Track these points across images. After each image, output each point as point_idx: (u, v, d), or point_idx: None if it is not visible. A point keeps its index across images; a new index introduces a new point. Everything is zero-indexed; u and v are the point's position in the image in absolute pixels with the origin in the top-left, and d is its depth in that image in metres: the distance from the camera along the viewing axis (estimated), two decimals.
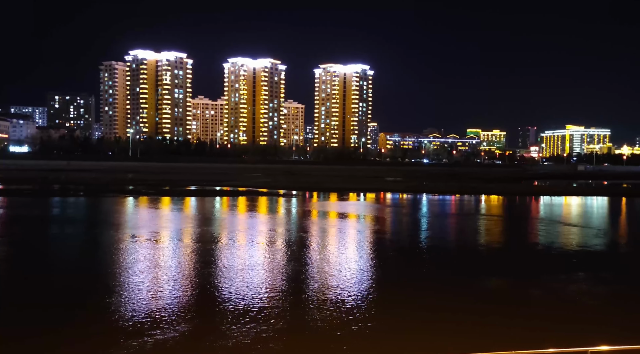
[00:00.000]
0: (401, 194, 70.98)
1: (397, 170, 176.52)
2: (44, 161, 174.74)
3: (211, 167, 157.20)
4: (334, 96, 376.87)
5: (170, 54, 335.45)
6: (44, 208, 46.75)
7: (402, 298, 17.97)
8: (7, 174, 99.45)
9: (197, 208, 48.70)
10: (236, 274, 20.81)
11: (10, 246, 27.34)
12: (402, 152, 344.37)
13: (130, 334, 13.82)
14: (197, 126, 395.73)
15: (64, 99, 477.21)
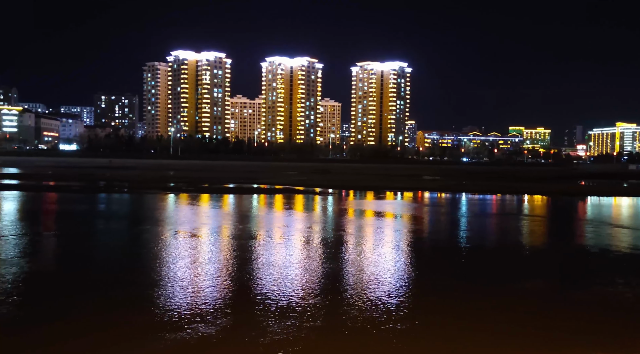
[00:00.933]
0: (439, 193, 69.56)
1: (435, 168, 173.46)
2: (91, 158, 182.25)
3: (248, 165, 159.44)
4: (370, 93, 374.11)
5: (210, 54, 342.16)
6: (91, 204, 48.59)
7: (440, 299, 17.46)
8: (56, 171, 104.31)
9: (235, 205, 49.37)
10: (273, 271, 20.85)
11: (58, 239, 28.49)
12: (440, 151, 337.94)
13: (171, 327, 14.03)
14: (236, 124, 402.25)
15: (109, 99, 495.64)
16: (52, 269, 21.39)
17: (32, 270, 20.69)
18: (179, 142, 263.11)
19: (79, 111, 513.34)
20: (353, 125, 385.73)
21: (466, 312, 15.98)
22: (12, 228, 31.11)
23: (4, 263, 21.52)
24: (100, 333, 13.64)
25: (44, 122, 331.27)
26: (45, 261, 23.18)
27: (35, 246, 26.14)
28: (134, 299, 16.67)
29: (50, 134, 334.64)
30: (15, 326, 14.09)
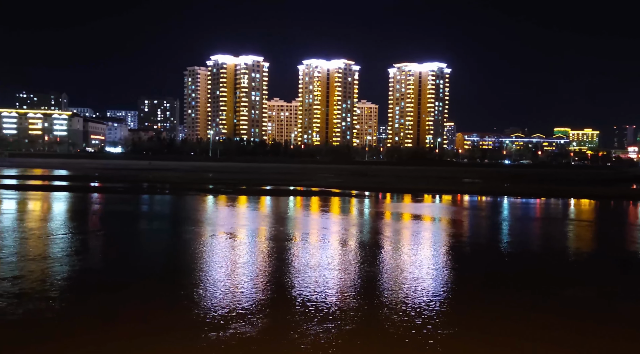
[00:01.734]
0: (480, 197, 67.78)
1: (475, 171, 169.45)
2: (134, 160, 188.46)
3: (285, 167, 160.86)
4: (408, 95, 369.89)
5: (248, 58, 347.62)
6: (135, 205, 50.22)
7: (481, 306, 16.90)
8: (102, 172, 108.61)
9: (272, 207, 49.79)
10: (311, 273, 20.83)
11: (105, 238, 29.55)
12: (481, 153, 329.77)
13: (210, 327, 14.22)
14: (273, 127, 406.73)
15: (152, 103, 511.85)
16: (99, 267, 22.18)
17: (80, 268, 21.51)
18: (218, 145, 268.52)
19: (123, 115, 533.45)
20: (390, 127, 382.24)
21: (507, 320, 15.40)
22: (63, 228, 32.53)
23: (55, 261, 22.49)
24: (142, 331, 13.97)
25: (91, 126, 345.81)
26: (92, 259, 24.05)
27: (83, 244, 27.19)
28: (174, 298, 17.01)
29: (97, 137, 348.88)
30: (65, 323, 14.62)
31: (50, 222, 34.58)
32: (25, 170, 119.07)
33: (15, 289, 17.58)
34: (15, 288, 17.81)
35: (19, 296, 16.77)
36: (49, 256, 23.40)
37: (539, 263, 24.92)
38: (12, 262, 22.01)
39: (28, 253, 24.07)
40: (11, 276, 19.42)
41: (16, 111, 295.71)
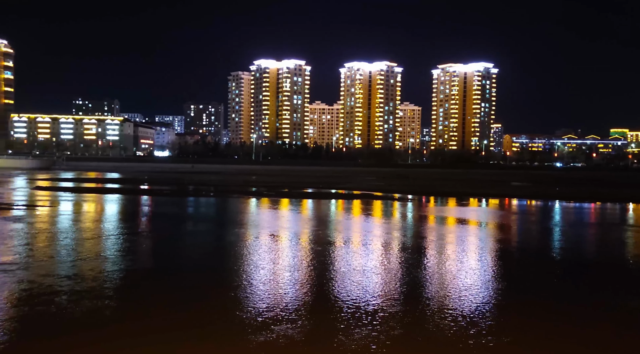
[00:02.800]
0: (529, 201, 65.24)
1: (524, 174, 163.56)
2: (179, 164, 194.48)
3: (327, 170, 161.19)
4: (453, 96, 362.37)
5: (290, 62, 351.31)
6: (181, 207, 51.74)
7: (534, 315, 16.15)
8: (151, 175, 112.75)
9: (313, 210, 49.92)
10: (352, 277, 20.64)
11: (152, 239, 30.55)
12: (530, 155, 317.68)
13: (252, 329, 14.33)
14: (314, 130, 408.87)
15: (198, 108, 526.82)
16: (148, 267, 22.93)
17: (129, 268, 22.31)
18: (260, 148, 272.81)
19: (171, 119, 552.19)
20: (434, 129, 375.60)
21: (558, 333, 14.62)
22: (113, 228, 33.93)
23: (105, 261, 23.44)
24: (187, 331, 14.26)
25: (141, 130, 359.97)
26: (141, 259, 24.89)
27: (132, 245, 28.21)
28: (218, 299, 17.29)
29: (146, 141, 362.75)
30: (112, 321, 15.15)
31: (104, 223, 36.16)
32: (80, 173, 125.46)
33: (72, 287, 18.41)
34: (71, 286, 18.67)
35: (76, 293, 17.55)
36: (101, 256, 24.43)
37: (596, 271, 23.58)
38: (68, 262, 23.13)
39: (83, 253, 25.23)
40: (69, 275, 20.39)
41: (73, 117, 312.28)
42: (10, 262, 22.33)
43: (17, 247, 26.05)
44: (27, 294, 17.37)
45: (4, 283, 18.84)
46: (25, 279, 19.38)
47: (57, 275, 20.22)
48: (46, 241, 28.17)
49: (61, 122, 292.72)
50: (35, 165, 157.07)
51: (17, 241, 27.59)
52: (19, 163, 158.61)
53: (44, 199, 54.59)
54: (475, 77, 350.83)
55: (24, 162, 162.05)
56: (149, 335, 13.83)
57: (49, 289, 17.97)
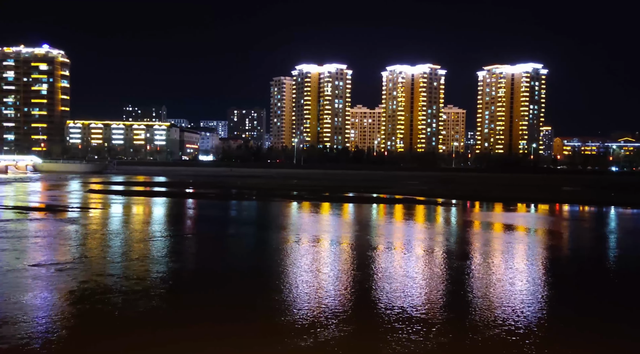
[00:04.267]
0: (581, 207, 62.19)
1: (575, 179, 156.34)
2: (222, 167, 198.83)
3: (368, 174, 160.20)
4: (499, 98, 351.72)
5: (331, 66, 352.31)
6: (225, 210, 52.82)
7: (586, 328, 15.25)
8: (196, 179, 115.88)
9: (355, 214, 49.62)
10: (394, 282, 20.29)
11: (197, 241, 31.28)
12: (582, 159, 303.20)
13: (294, 332, 14.31)
14: (355, 134, 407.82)
15: (241, 113, 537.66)
16: (192, 268, 23.48)
17: (175, 268, 22.89)
18: (302, 152, 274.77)
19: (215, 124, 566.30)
20: (479, 132, 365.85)
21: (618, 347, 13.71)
22: (161, 230, 35.00)
23: (153, 262, 24.18)
24: (226, 332, 14.41)
25: (186, 135, 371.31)
26: (186, 260, 25.52)
27: (177, 247, 28.97)
28: (260, 301, 17.41)
29: (191, 146, 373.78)
30: (159, 319, 15.54)
31: (152, 225, 37.41)
32: (130, 177, 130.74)
33: (123, 286, 19.09)
34: (122, 285, 19.35)
35: (126, 292, 18.19)
36: (150, 257, 25.23)
37: None
38: (119, 262, 24.05)
39: (132, 254, 26.15)
40: (120, 274, 21.18)
41: (123, 123, 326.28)
42: (65, 261, 23.44)
43: (72, 247, 27.33)
44: (80, 292, 18.14)
45: (60, 281, 19.78)
46: (79, 278, 20.26)
47: (108, 275, 21.03)
48: (98, 242, 29.41)
49: (112, 128, 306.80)
50: (89, 169, 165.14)
51: (71, 242, 28.96)
52: (74, 167, 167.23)
53: (96, 201, 57.16)
54: (524, 79, 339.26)
55: (78, 166, 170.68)
56: (191, 335, 14.09)
57: (101, 288, 18.70)
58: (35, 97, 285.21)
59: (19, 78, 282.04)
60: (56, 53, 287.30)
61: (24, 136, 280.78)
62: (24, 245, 27.35)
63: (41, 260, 23.68)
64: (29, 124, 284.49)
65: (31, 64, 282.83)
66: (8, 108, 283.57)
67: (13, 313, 15.57)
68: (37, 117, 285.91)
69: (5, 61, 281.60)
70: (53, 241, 28.78)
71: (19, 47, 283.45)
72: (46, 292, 18.27)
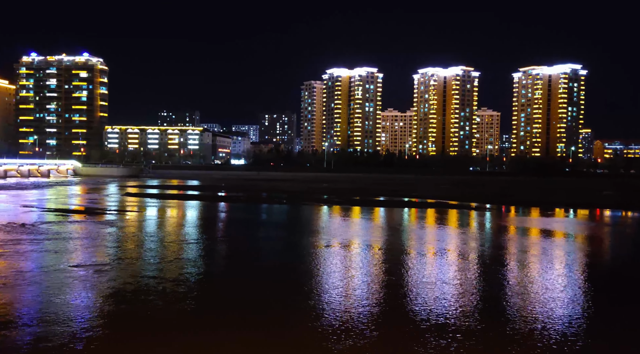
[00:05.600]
0: (624, 212, 59.65)
1: (617, 183, 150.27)
2: (253, 172, 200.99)
3: (399, 178, 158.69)
4: (535, 101, 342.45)
5: (362, 70, 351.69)
6: (255, 213, 53.34)
7: (629, 340, 14.57)
8: (228, 182, 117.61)
9: (385, 218, 49.20)
10: (425, 287, 19.98)
11: (229, 244, 31.69)
12: (624, 163, 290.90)
13: (326, 337, 14.26)
14: (386, 137, 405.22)
15: (271, 117, 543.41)
16: (224, 270, 23.81)
17: (208, 271, 23.27)
18: (332, 156, 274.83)
19: (246, 129, 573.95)
20: (514, 135, 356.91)
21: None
22: (194, 233, 35.68)
23: (187, 264, 24.65)
24: (257, 336, 14.51)
25: (218, 140, 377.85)
26: (219, 263, 25.90)
27: (210, 249, 29.44)
28: (291, 306, 17.46)
29: (223, 150, 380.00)
30: (190, 321, 15.81)
31: (185, 228, 38.19)
32: (165, 180, 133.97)
33: (157, 287, 19.55)
34: (156, 286, 19.82)
35: (160, 293, 18.61)
36: (183, 259, 25.74)
37: None
38: (153, 264, 24.65)
39: (166, 256, 26.75)
40: (154, 276, 21.70)
41: (158, 128, 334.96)
42: (103, 263, 24.21)
43: (109, 249, 28.20)
44: (117, 293, 18.68)
45: (98, 282, 20.43)
46: (117, 279, 20.87)
47: (144, 276, 21.58)
48: (134, 244, 30.23)
49: (148, 133, 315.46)
50: (126, 173, 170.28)
51: (109, 244, 29.89)
52: (112, 171, 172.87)
53: (132, 204, 58.82)
54: (561, 80, 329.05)
55: (116, 170, 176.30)
56: (221, 336, 14.27)
57: (137, 289, 19.21)
58: (76, 104, 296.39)
59: (61, 85, 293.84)
60: (95, 61, 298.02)
61: (65, 141, 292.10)
62: (65, 246, 28.40)
63: (81, 261, 24.53)
64: (70, 129, 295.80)
65: (72, 71, 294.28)
66: (50, 114, 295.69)
67: (57, 312, 16.19)
68: (78, 122, 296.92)
69: (48, 69, 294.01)
70: (92, 243, 29.77)
71: (61, 55, 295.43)
72: (86, 292, 18.91)
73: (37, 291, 18.87)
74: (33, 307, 16.87)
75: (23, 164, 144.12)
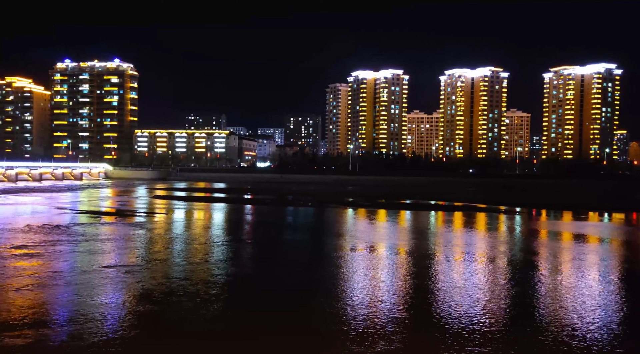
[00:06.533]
0: None
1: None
2: (278, 174, 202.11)
3: (426, 181, 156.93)
4: (567, 101, 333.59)
5: (387, 72, 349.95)
6: (280, 216, 53.56)
7: None
8: (253, 185, 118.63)
9: (411, 221, 48.63)
10: (453, 292, 19.58)
11: (254, 247, 31.85)
12: None
13: (351, 342, 14.10)
14: (412, 139, 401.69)
15: (297, 120, 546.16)
16: (250, 272, 23.90)
17: (234, 272, 23.41)
18: (357, 159, 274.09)
19: (272, 132, 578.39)
20: (545, 137, 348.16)
21: None
22: (221, 235, 36.04)
23: (214, 266, 24.88)
24: (283, 338, 14.46)
25: (244, 143, 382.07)
26: (245, 265, 26.04)
27: (237, 251, 29.64)
28: (314, 309, 17.37)
29: (249, 153, 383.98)
30: (217, 322, 15.89)
31: (212, 230, 38.63)
32: (192, 183, 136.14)
33: (185, 288, 19.78)
34: (184, 287, 20.06)
35: (188, 294, 18.83)
36: (210, 261, 26.00)
37: None
38: (181, 265, 24.98)
39: (194, 258, 27.08)
40: (182, 277, 21.98)
41: (186, 131, 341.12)
42: (133, 264, 24.68)
43: (139, 250, 28.75)
44: (147, 294, 18.98)
45: (129, 282, 20.82)
46: (146, 280, 21.23)
47: (173, 277, 21.88)
48: (163, 245, 30.73)
49: (176, 136, 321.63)
50: (154, 176, 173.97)
51: (139, 245, 30.47)
52: (141, 174, 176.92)
53: (161, 206, 59.93)
54: (595, 80, 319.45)
55: (145, 173, 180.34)
56: (246, 336, 14.29)
57: (166, 290, 19.47)
58: (107, 108, 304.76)
59: (93, 91, 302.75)
60: (126, 66, 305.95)
61: (96, 145, 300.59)
62: (97, 247, 29.09)
63: (112, 262, 25.07)
64: (102, 133, 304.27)
65: (104, 77, 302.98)
66: (83, 119, 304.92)
67: (90, 312, 16.56)
68: (109, 127, 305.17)
69: (81, 75, 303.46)
70: (122, 244, 30.41)
71: (93, 61, 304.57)
72: (117, 292, 19.29)
73: (70, 290, 19.36)
74: (67, 306, 17.31)
75: (57, 168, 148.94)
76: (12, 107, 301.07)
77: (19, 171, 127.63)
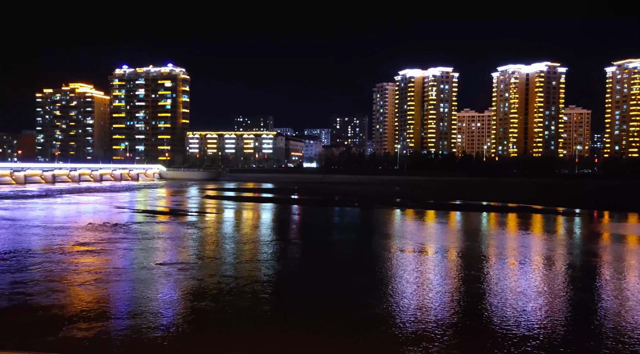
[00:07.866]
0: None
1: None
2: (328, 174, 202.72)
3: (477, 181, 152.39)
4: (633, 96, 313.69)
5: (436, 70, 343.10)
6: (327, 216, 53.69)
7: None
8: (300, 185, 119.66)
9: (462, 223, 47.33)
10: (506, 296, 18.80)
11: (301, 247, 32.06)
12: None
13: (404, 342, 13.87)
14: (463, 139, 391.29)
15: (343, 120, 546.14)
16: (297, 272, 24.11)
17: (282, 272, 23.67)
18: (405, 158, 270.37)
19: (318, 132, 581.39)
20: (607, 134, 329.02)
21: None
22: (269, 234, 36.57)
23: (263, 265, 25.25)
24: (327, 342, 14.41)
25: (291, 143, 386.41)
26: (292, 265, 26.28)
27: (285, 251, 29.97)
28: (361, 311, 17.21)
29: (296, 153, 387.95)
30: (262, 322, 16.08)
31: (261, 229, 39.29)
32: (241, 183, 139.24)
33: (234, 286, 20.21)
34: (233, 285, 20.49)
35: (237, 294, 19.22)
36: (259, 260, 26.42)
37: None
38: (231, 264, 25.54)
39: (244, 256, 27.62)
40: (232, 275, 22.48)
41: (235, 133, 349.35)
42: (186, 261, 25.50)
43: (191, 248, 29.67)
44: (199, 291, 19.54)
45: (182, 279, 21.52)
46: (198, 277, 21.86)
47: (223, 275, 22.41)
48: (214, 244, 31.57)
49: (225, 138, 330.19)
50: (205, 176, 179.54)
51: (191, 243, 31.47)
52: (193, 175, 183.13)
53: (212, 206, 61.66)
54: None
55: (196, 174, 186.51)
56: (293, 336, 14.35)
57: (217, 288, 19.96)
58: (161, 112, 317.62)
59: (148, 95, 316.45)
60: (178, 70, 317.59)
61: (151, 147, 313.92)
62: (152, 245, 30.30)
63: (166, 259, 26.02)
64: (156, 136, 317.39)
65: (158, 81, 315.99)
66: (139, 122, 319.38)
67: (146, 306, 17.26)
68: (163, 129, 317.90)
69: (137, 80, 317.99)
70: (175, 243, 31.51)
71: (148, 67, 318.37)
72: (171, 289, 19.98)
73: (127, 286, 20.25)
74: (124, 301, 18.12)
75: (116, 169, 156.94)
76: (75, 111, 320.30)
77: (81, 172, 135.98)
